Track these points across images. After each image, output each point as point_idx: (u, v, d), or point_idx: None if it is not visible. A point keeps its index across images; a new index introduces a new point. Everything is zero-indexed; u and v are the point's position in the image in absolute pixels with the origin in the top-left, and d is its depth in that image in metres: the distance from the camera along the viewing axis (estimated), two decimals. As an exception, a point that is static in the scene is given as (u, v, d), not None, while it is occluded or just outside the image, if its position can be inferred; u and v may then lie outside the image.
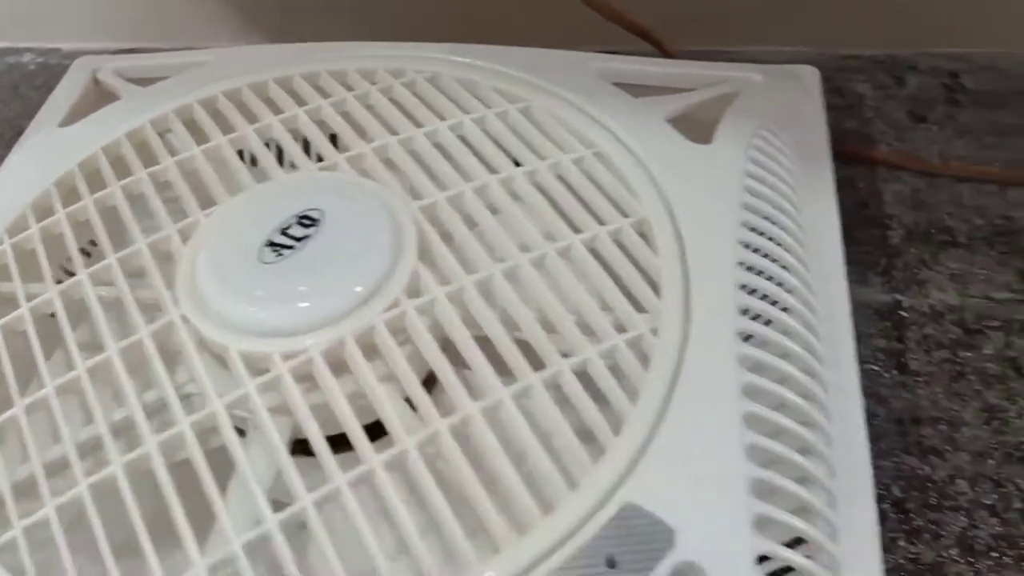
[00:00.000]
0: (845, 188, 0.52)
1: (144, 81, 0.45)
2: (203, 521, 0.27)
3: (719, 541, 0.26)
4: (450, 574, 0.25)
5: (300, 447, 0.30)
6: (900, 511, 0.38)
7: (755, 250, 0.34)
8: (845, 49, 0.59)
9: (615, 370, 0.29)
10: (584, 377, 0.30)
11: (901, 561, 0.37)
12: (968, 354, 0.43)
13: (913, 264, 0.47)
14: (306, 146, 0.38)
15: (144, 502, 0.28)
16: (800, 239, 0.37)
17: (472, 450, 0.28)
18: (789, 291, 0.34)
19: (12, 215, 0.36)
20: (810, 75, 0.45)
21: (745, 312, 0.32)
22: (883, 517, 0.38)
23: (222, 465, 0.28)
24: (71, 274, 0.34)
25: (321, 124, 0.38)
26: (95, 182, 0.37)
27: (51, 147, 0.41)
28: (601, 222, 0.33)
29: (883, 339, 0.44)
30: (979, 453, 0.39)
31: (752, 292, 0.33)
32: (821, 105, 0.44)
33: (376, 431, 0.29)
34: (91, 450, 0.30)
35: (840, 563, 0.29)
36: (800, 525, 0.28)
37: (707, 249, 0.33)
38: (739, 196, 0.36)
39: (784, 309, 0.33)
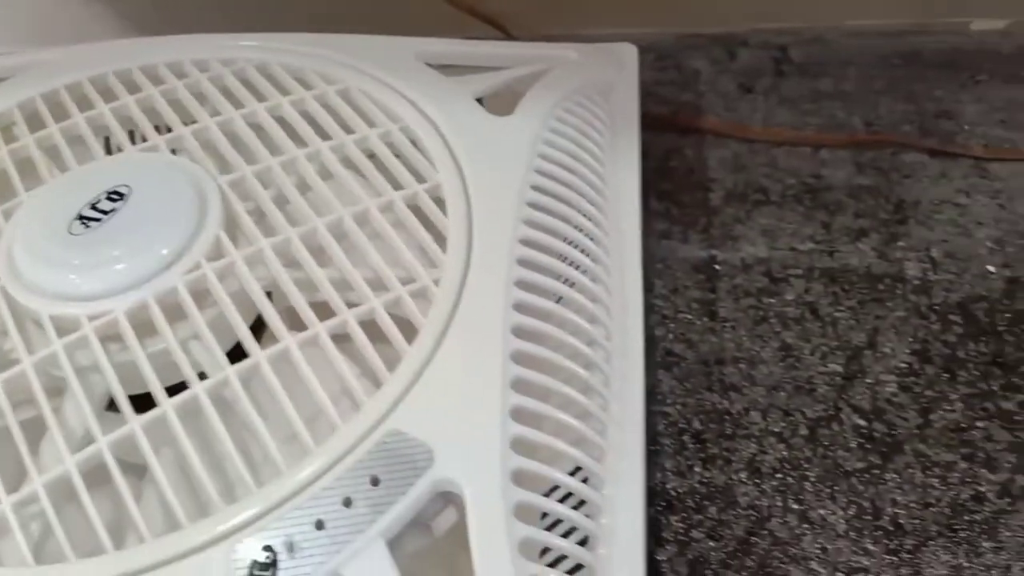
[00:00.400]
0: (675, 156, 0.56)
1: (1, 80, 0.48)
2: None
3: (475, 459, 0.30)
4: (234, 499, 0.29)
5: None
6: (698, 441, 0.42)
7: (541, 209, 0.38)
8: (686, 28, 0.63)
9: (398, 317, 0.33)
10: (372, 324, 0.33)
11: (695, 485, 0.41)
12: (771, 300, 0.47)
13: (729, 222, 0.51)
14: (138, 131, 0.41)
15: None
16: (593, 199, 0.40)
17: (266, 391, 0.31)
18: (573, 245, 0.38)
19: None
20: (627, 52, 0.49)
21: (524, 263, 0.35)
22: (682, 447, 0.42)
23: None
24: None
25: (151, 111, 0.41)
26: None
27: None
28: (400, 188, 0.37)
29: (697, 290, 0.48)
30: (773, 387, 0.44)
31: (534, 246, 0.36)
32: (635, 80, 0.48)
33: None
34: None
35: (604, 481, 0.33)
36: (558, 445, 0.32)
37: (493, 209, 0.36)
38: (531, 161, 0.39)
39: (566, 261, 0.37)
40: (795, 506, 0.40)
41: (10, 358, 0.34)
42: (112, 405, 0.33)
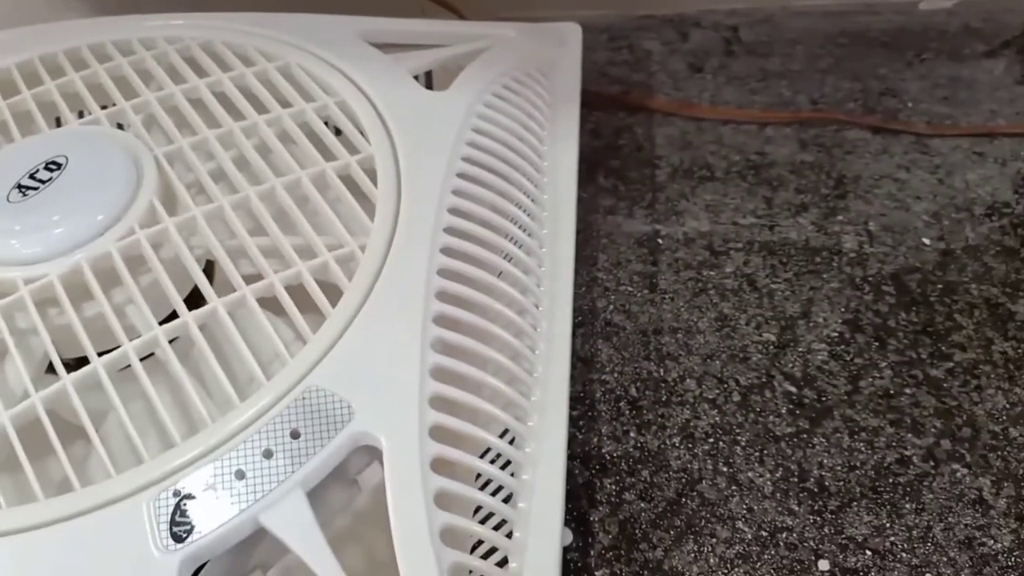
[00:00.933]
0: (624, 134, 0.57)
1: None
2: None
3: (392, 415, 0.31)
4: (161, 453, 0.30)
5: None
6: (634, 408, 0.43)
7: (471, 180, 0.39)
8: (641, 11, 0.64)
9: (324, 281, 0.34)
10: (300, 288, 0.34)
11: (630, 449, 0.42)
12: (711, 272, 0.48)
13: (674, 197, 0.52)
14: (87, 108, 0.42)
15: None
16: (527, 172, 0.42)
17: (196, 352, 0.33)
18: (504, 215, 0.39)
19: None
20: (570, 31, 0.50)
21: (450, 231, 0.37)
22: (618, 414, 0.43)
23: None
24: None
25: (97, 88, 0.42)
26: None
27: None
28: (333, 159, 0.38)
29: (640, 264, 0.49)
30: (708, 356, 0.45)
31: (462, 215, 0.38)
32: (578, 58, 0.49)
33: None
34: None
35: (527, 439, 0.34)
36: (478, 403, 0.33)
37: (422, 179, 0.38)
38: (464, 134, 0.40)
39: (495, 230, 0.38)
40: (725, 469, 0.41)
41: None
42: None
